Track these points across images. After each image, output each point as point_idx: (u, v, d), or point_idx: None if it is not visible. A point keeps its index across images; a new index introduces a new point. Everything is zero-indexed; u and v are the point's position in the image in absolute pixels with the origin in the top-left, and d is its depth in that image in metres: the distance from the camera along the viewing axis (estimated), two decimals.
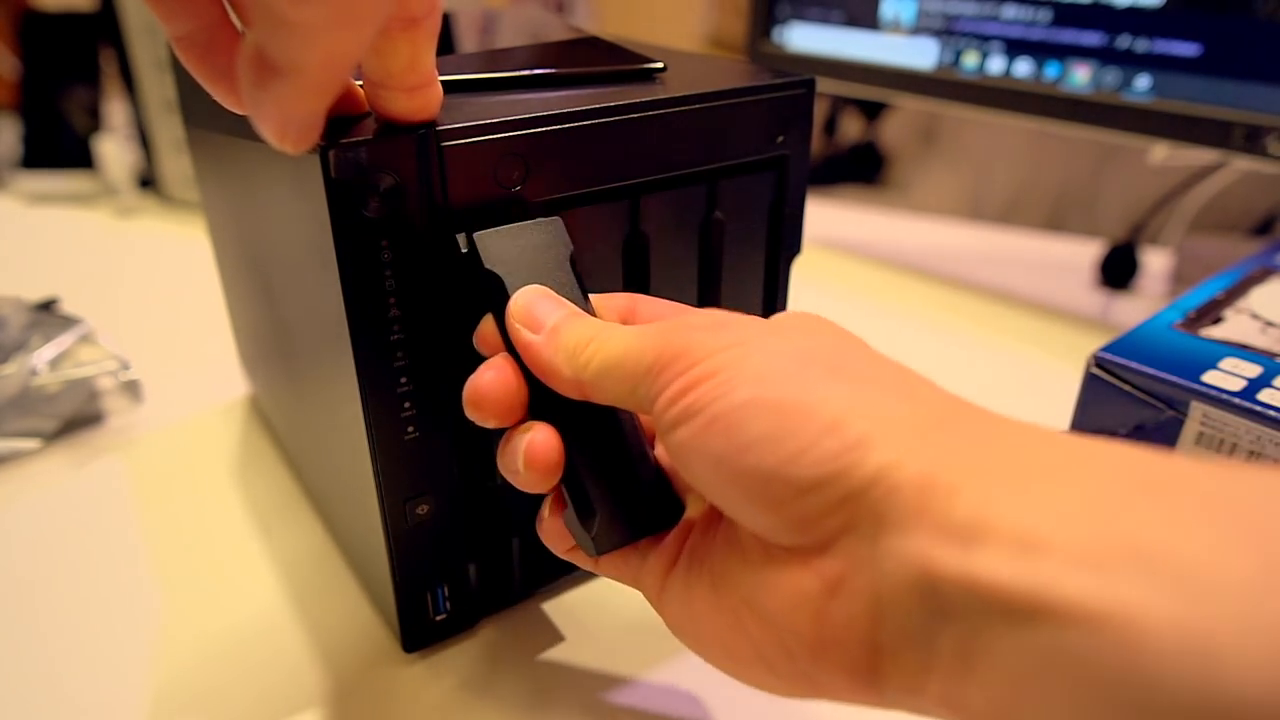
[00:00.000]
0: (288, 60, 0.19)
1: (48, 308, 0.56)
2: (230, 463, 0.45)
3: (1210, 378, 0.33)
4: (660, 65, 0.32)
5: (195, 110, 0.40)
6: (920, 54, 0.62)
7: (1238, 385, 0.32)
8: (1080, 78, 0.55)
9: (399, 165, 0.25)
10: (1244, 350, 0.35)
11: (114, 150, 0.80)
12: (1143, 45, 0.52)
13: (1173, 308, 0.39)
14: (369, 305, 0.26)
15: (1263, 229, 0.84)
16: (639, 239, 0.31)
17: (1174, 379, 0.33)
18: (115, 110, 0.90)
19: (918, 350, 0.58)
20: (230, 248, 0.43)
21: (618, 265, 0.31)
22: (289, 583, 0.37)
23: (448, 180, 0.26)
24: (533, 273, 0.26)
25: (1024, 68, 0.58)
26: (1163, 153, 0.57)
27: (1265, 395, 0.32)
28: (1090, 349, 0.36)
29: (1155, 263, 0.70)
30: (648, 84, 0.31)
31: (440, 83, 0.25)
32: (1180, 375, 0.33)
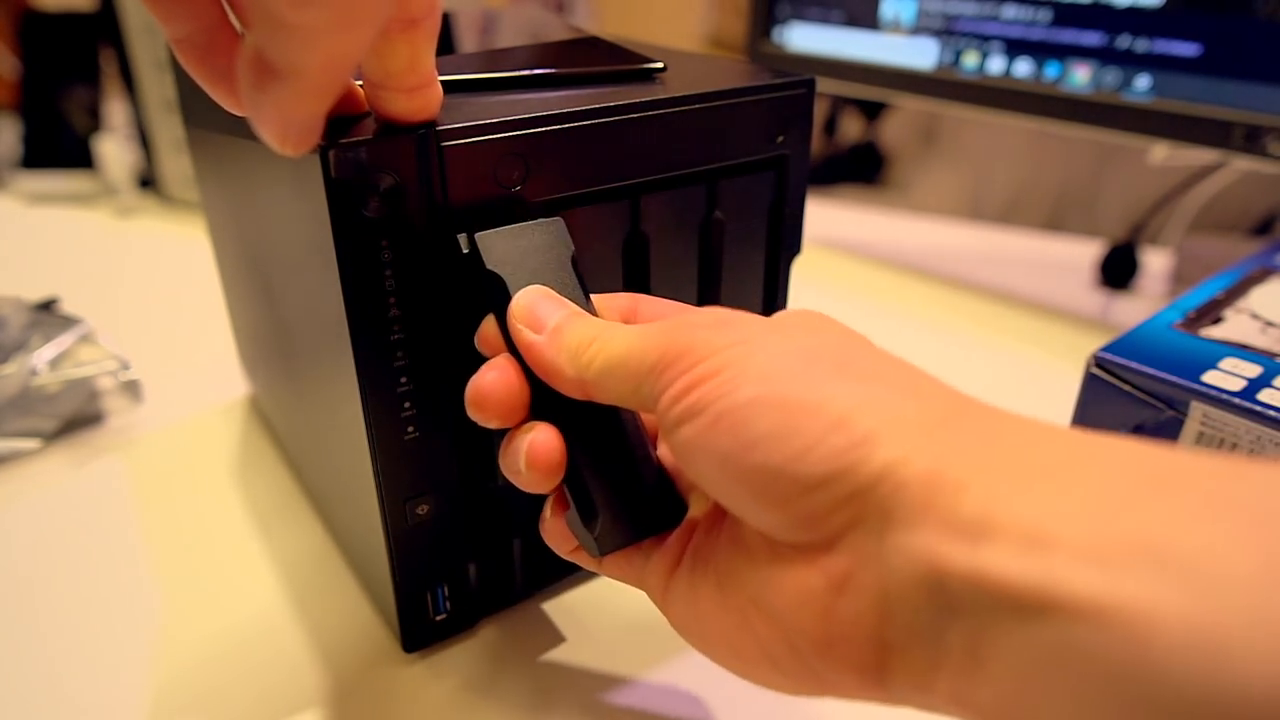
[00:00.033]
0: (287, 63, 0.19)
1: (48, 308, 0.56)
2: (230, 463, 0.45)
3: (1210, 378, 0.33)
4: (660, 65, 0.32)
5: (195, 110, 0.40)
6: (920, 54, 0.62)
7: (1238, 385, 0.32)
8: (1080, 78, 0.55)
9: (399, 165, 0.25)
10: (1244, 350, 0.35)
11: (114, 150, 0.80)
12: (1143, 45, 0.52)
13: (1173, 308, 0.39)
14: (369, 305, 0.26)
15: (1263, 229, 0.84)
16: (639, 239, 0.31)
17: (1174, 379, 0.33)
18: (115, 110, 0.90)
19: (918, 350, 0.58)
20: (230, 248, 0.43)
21: (618, 265, 0.31)
22: (289, 583, 0.37)
23: (448, 180, 0.26)
24: (534, 273, 0.26)
25: (1024, 68, 0.58)
26: (1163, 153, 0.57)
27: (1265, 395, 0.32)
28: (1090, 349, 0.36)
29: (1155, 263, 0.70)
30: (648, 84, 0.31)
31: (440, 83, 0.25)
32: (1180, 375, 0.33)
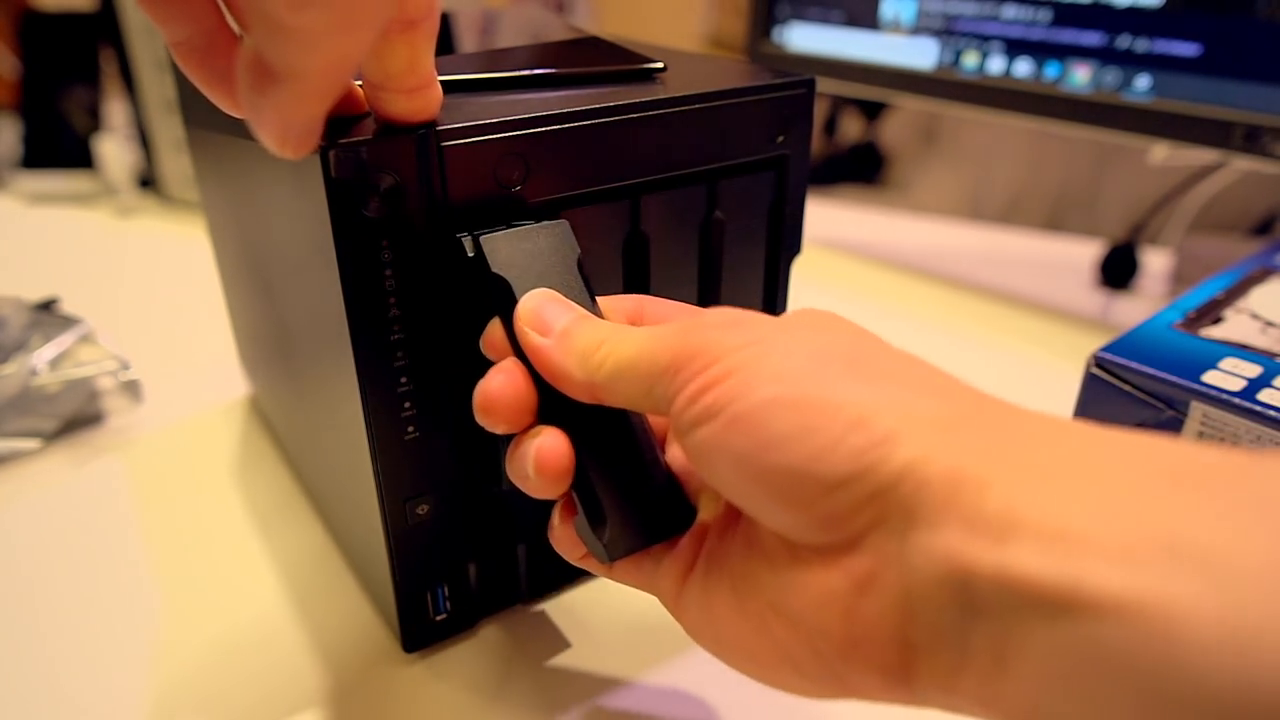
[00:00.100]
0: (287, 66, 0.19)
1: (48, 308, 0.56)
2: (230, 463, 0.45)
3: (1210, 378, 0.33)
4: (660, 65, 0.32)
5: (195, 110, 0.40)
6: (920, 54, 0.62)
7: (1238, 385, 0.32)
8: (1080, 78, 0.55)
9: (399, 165, 0.25)
10: (1244, 350, 0.35)
11: (114, 150, 0.80)
12: (1143, 45, 0.52)
13: (1173, 308, 0.39)
14: (369, 305, 0.26)
15: (1263, 229, 0.84)
16: (639, 239, 0.31)
17: (1174, 379, 0.33)
18: (115, 110, 0.90)
19: (918, 350, 0.57)
20: (230, 248, 0.43)
21: (618, 265, 0.31)
22: (289, 583, 0.37)
23: (448, 180, 0.26)
24: (540, 276, 0.26)
25: (1024, 68, 0.58)
26: (1163, 153, 0.57)
27: (1265, 395, 0.32)
28: (1090, 349, 0.36)
29: (1155, 263, 0.70)
30: (648, 84, 0.31)
31: (440, 83, 0.25)
32: (1180, 375, 0.33)
